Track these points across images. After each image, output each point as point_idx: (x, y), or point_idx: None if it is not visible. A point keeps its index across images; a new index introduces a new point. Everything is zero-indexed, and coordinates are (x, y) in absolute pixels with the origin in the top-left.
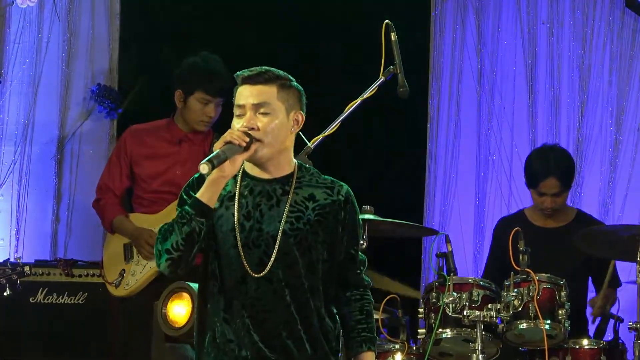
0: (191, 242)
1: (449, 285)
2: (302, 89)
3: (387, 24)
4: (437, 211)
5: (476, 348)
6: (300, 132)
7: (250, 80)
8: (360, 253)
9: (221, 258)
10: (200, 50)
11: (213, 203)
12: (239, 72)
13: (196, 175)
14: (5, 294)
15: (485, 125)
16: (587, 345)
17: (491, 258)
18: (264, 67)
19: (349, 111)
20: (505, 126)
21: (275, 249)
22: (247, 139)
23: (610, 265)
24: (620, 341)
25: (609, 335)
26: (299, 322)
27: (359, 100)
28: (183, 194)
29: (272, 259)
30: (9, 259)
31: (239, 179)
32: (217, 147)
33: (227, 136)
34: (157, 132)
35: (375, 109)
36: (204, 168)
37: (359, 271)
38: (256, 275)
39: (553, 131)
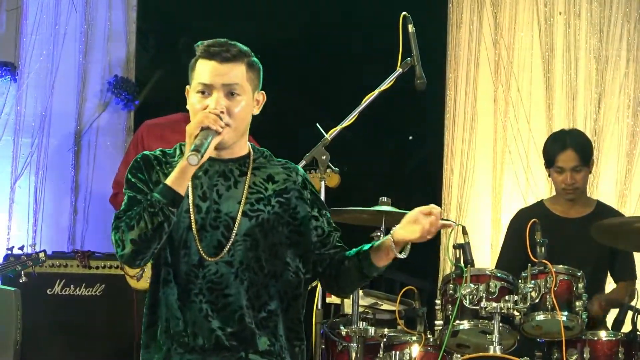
0: (160, 233)
1: (466, 276)
2: (261, 65)
3: (404, 16)
4: (454, 202)
5: (493, 340)
6: (317, 124)
7: (217, 56)
8: (332, 225)
9: (174, 242)
10: None
11: (183, 191)
12: (200, 42)
13: (138, 157)
14: (21, 281)
15: (502, 117)
16: (605, 336)
17: (507, 250)
18: (228, 41)
19: (366, 103)
20: (522, 117)
21: (235, 230)
22: (223, 123)
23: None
24: (638, 333)
25: (627, 327)
26: (256, 309)
27: (376, 92)
28: (130, 176)
29: (231, 241)
30: (23, 246)
31: None
32: (193, 132)
33: (203, 120)
34: (173, 126)
35: (392, 101)
36: (193, 159)
37: (332, 240)
38: (214, 259)
39: (570, 122)
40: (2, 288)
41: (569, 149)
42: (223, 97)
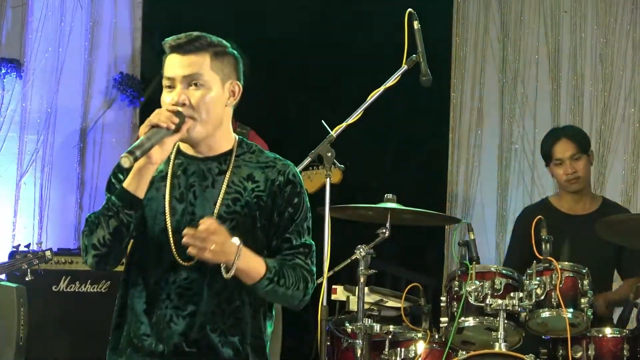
0: (119, 236)
1: (472, 273)
2: (239, 56)
3: (410, 12)
4: (460, 200)
5: (498, 337)
6: (323, 121)
7: (180, 49)
8: (305, 238)
9: (148, 244)
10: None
11: (142, 193)
12: (167, 39)
13: (127, 167)
14: (27, 279)
15: (507, 114)
16: (610, 333)
17: (514, 248)
18: (194, 33)
19: (371, 100)
20: (527, 115)
21: None
22: (177, 120)
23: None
24: None
25: (632, 324)
26: (226, 315)
27: (381, 89)
28: (111, 177)
29: None
30: (30, 244)
31: (172, 157)
32: (143, 132)
33: (153, 118)
34: None
35: (398, 98)
36: (124, 162)
37: (291, 253)
38: (188, 264)
39: (576, 120)
40: (4, 285)
41: (563, 139)
42: (184, 89)
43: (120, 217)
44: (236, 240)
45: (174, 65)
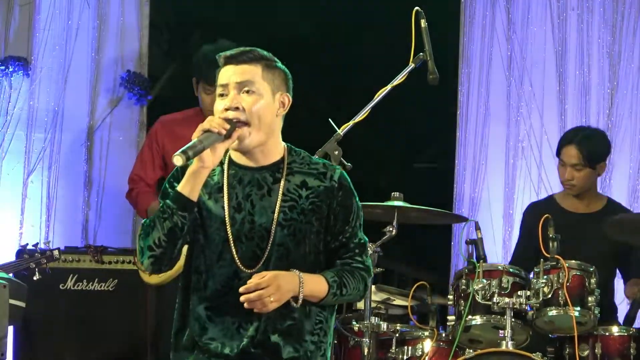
0: (174, 238)
1: (479, 272)
2: (287, 71)
3: (417, 10)
4: (467, 198)
5: (506, 335)
6: (330, 120)
7: (233, 59)
8: (359, 237)
9: (210, 253)
10: (230, 37)
11: (195, 196)
12: (221, 53)
13: (179, 166)
14: (35, 278)
15: (514, 112)
16: (617, 332)
17: (519, 245)
18: (246, 47)
19: (379, 98)
20: (534, 113)
21: (270, 241)
22: (228, 126)
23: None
24: None
25: (638, 322)
26: (285, 317)
27: (388, 87)
28: (166, 184)
29: (266, 252)
30: (37, 243)
31: (225, 168)
32: (195, 136)
33: (205, 124)
34: (187, 122)
35: (405, 96)
36: (177, 160)
37: (349, 254)
38: (250, 271)
39: (583, 118)
40: None
41: (572, 145)
42: (237, 94)
43: (175, 219)
44: (294, 273)
45: (228, 73)
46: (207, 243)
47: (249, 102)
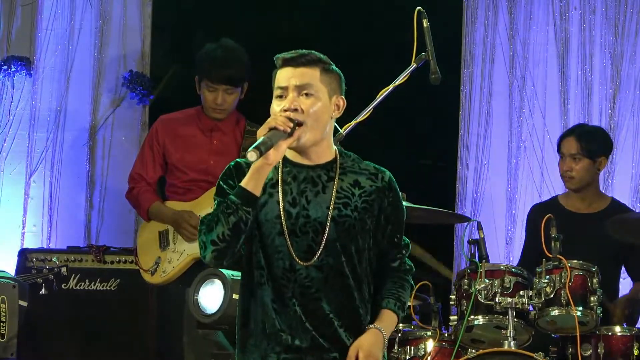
0: (238, 232)
1: (481, 272)
2: (341, 74)
3: (419, 10)
4: (469, 198)
5: (508, 335)
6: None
7: (292, 62)
8: (404, 238)
9: (267, 247)
10: (232, 37)
11: (259, 191)
12: (279, 55)
13: (232, 164)
14: (40, 292)
15: (517, 112)
16: (620, 332)
17: (526, 246)
18: (304, 50)
19: (381, 98)
20: (537, 113)
21: (325, 236)
22: (291, 124)
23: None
24: None
25: None
26: (349, 311)
27: (391, 87)
28: (221, 182)
29: (321, 246)
30: (43, 247)
31: (280, 165)
32: (261, 134)
33: (271, 122)
34: (187, 121)
35: (407, 96)
36: (252, 155)
37: (400, 255)
38: (305, 264)
39: (585, 118)
40: None
41: (571, 137)
42: (297, 96)
43: (240, 214)
44: (376, 333)
45: (287, 75)
46: (263, 238)
47: (308, 104)
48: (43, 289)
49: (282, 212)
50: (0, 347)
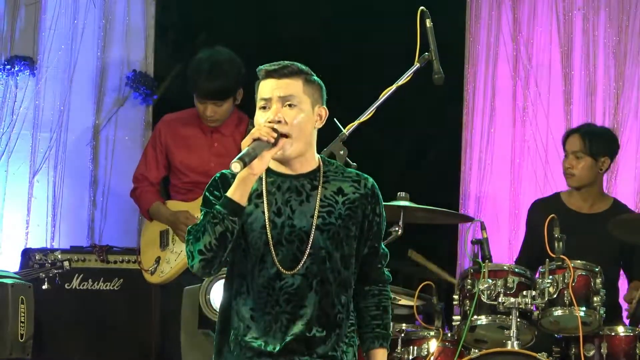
0: (224, 242)
1: (484, 272)
2: (322, 84)
3: (422, 10)
4: (473, 198)
5: (511, 335)
6: (335, 119)
7: (275, 73)
8: (382, 247)
9: (251, 256)
10: (235, 38)
11: (245, 201)
12: (261, 67)
13: (217, 175)
14: (43, 287)
15: (520, 112)
16: (623, 332)
17: (525, 241)
18: (286, 62)
19: (384, 98)
20: (540, 113)
21: (309, 244)
22: (275, 135)
23: None
24: None
25: None
26: (330, 318)
27: (394, 87)
28: (207, 194)
29: (305, 254)
30: (47, 251)
31: (264, 176)
32: (246, 145)
33: (255, 133)
34: (189, 121)
35: (410, 96)
36: (235, 167)
37: (379, 265)
38: (291, 272)
39: (588, 117)
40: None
41: (576, 134)
42: (280, 107)
43: (226, 224)
44: None
45: (271, 87)
46: (248, 247)
47: (291, 115)
48: (46, 284)
49: (267, 222)
50: (20, 348)
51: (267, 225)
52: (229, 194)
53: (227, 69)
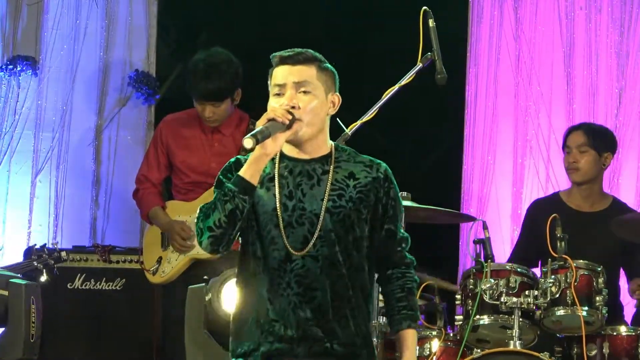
0: (234, 220)
1: (486, 271)
2: (335, 71)
3: (425, 10)
4: (475, 197)
5: (513, 334)
6: (338, 119)
7: (289, 60)
8: (402, 231)
9: (263, 238)
10: (237, 37)
11: (256, 181)
12: (275, 53)
13: (232, 160)
14: (42, 279)
15: (522, 112)
16: (625, 332)
17: (521, 240)
18: (300, 49)
19: (386, 98)
20: (542, 112)
21: (319, 226)
22: (290, 117)
23: None
24: None
25: None
26: (345, 300)
27: (396, 87)
28: (221, 176)
29: (315, 236)
30: (45, 244)
31: (277, 160)
32: (260, 124)
33: (269, 113)
34: (190, 121)
35: (412, 96)
36: (248, 142)
37: (399, 248)
38: (300, 253)
39: (590, 117)
40: (13, 282)
41: (579, 129)
42: (295, 94)
43: (236, 202)
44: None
45: (286, 73)
46: (260, 229)
47: (306, 101)
48: (44, 275)
49: (278, 205)
50: (29, 348)
51: (278, 208)
52: (240, 172)
53: (223, 69)
